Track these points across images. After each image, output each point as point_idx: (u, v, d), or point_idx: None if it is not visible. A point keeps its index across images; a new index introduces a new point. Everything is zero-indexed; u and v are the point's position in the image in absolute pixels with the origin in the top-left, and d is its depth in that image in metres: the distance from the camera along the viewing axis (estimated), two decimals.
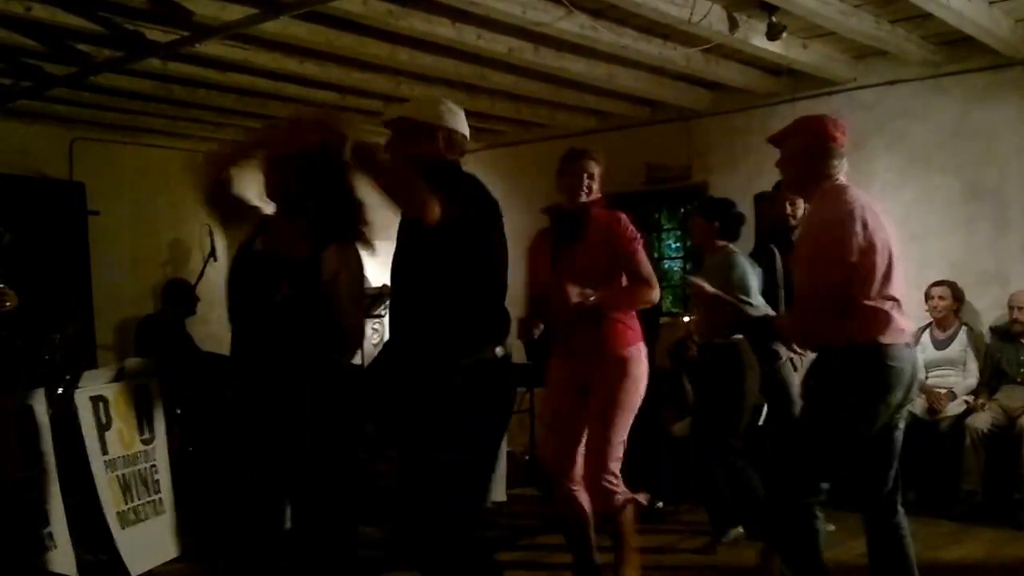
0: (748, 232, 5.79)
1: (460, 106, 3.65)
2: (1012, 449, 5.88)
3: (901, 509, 3.76)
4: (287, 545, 3.37)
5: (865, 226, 3.49)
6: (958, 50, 6.57)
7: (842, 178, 3.70)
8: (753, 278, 5.21)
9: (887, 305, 3.52)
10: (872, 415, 3.56)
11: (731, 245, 5.36)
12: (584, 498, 4.37)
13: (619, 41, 6.06)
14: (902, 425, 3.74)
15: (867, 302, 3.48)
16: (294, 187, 3.30)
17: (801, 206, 5.45)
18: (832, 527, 5.37)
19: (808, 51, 6.61)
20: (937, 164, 6.84)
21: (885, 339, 3.51)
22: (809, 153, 3.69)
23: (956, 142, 6.77)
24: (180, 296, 7.46)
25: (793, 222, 5.57)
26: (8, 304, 4.81)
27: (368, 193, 3.25)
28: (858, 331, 3.52)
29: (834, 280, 3.47)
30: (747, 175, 7.63)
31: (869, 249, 3.47)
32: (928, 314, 6.51)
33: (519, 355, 6.47)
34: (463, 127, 3.60)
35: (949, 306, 6.44)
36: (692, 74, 7.11)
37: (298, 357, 3.24)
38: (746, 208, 5.96)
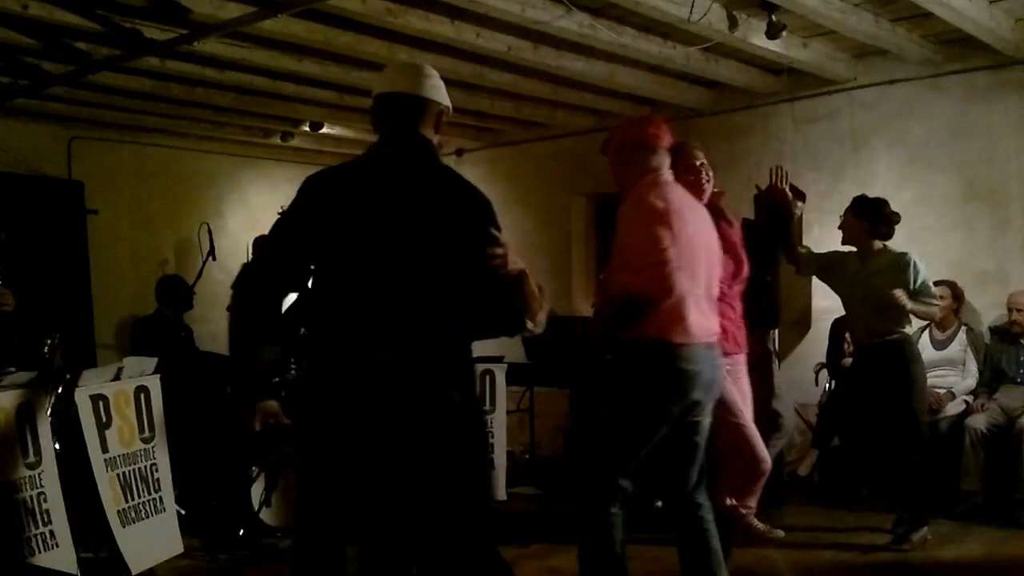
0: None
1: (459, 105, 3.58)
2: (1011, 449, 5.88)
3: (706, 503, 3.80)
4: None
5: (669, 224, 3.52)
6: (958, 49, 6.56)
7: (664, 175, 3.72)
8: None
9: (685, 304, 3.52)
10: (661, 415, 3.59)
11: (888, 244, 5.36)
12: None
13: (618, 40, 6.05)
14: (707, 422, 3.74)
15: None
16: None
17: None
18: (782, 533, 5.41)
19: (808, 50, 6.61)
20: (937, 164, 6.84)
21: (677, 339, 3.52)
22: (625, 149, 3.77)
23: (956, 142, 6.77)
24: (174, 293, 7.40)
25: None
26: (5, 306, 4.81)
27: None
28: (648, 328, 3.52)
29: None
30: (747, 174, 7.61)
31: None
32: None
33: (518, 355, 6.53)
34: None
35: (948, 306, 6.43)
36: (692, 73, 7.11)
37: None
38: (746, 208, 5.95)
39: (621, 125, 3.90)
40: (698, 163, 4.20)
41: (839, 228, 5.46)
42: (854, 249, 5.42)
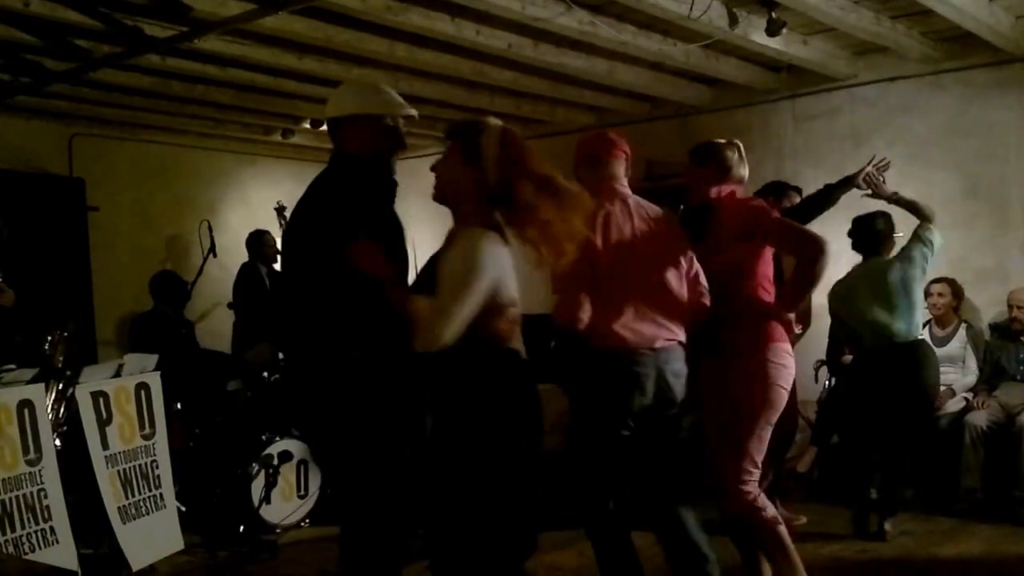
0: None
1: (460, 102, 3.66)
2: (1011, 446, 5.89)
3: (692, 522, 3.81)
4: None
5: (601, 230, 3.61)
6: (958, 47, 6.57)
7: (617, 186, 3.82)
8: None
9: (619, 312, 3.59)
10: (605, 420, 3.66)
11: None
12: None
13: (618, 37, 6.06)
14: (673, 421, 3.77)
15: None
16: None
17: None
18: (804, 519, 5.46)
19: (808, 47, 6.61)
20: (937, 161, 6.84)
21: (612, 345, 3.59)
22: (578, 164, 3.91)
23: (956, 139, 6.77)
24: (169, 288, 7.31)
25: None
26: (4, 301, 4.82)
27: None
28: (590, 337, 3.61)
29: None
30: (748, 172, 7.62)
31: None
32: (928, 311, 6.51)
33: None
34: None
35: (948, 303, 6.44)
36: (692, 70, 7.12)
37: None
38: None
39: (581, 139, 4.02)
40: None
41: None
42: None
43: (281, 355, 6.15)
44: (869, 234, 5.57)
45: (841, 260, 5.19)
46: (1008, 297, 6.37)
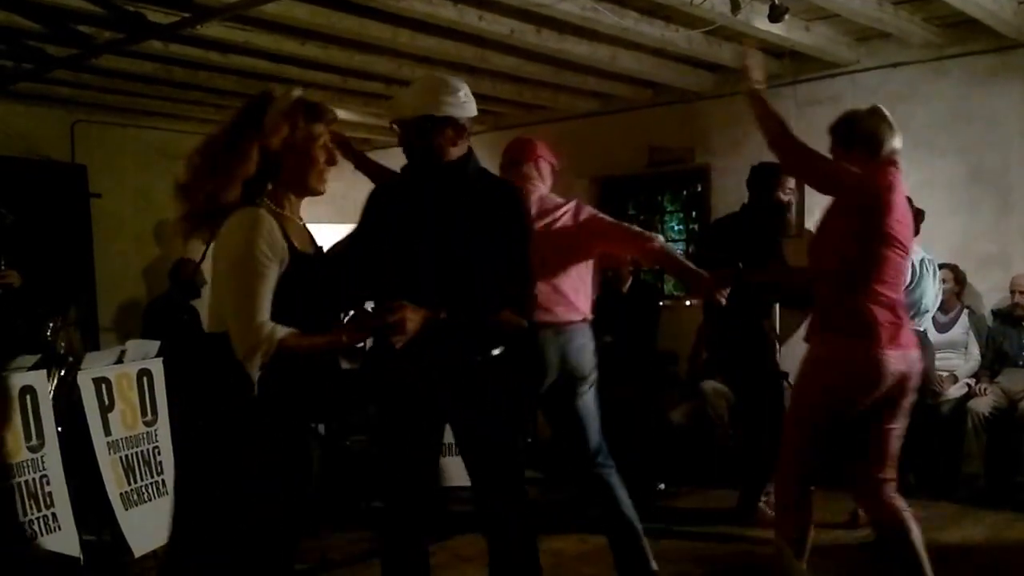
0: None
1: None
2: (1013, 432, 5.90)
3: (610, 466, 4.19)
4: None
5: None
6: (961, 32, 6.54)
7: (529, 185, 4.25)
8: None
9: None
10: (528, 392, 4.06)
11: None
12: None
13: (621, 23, 6.04)
14: (585, 393, 4.15)
15: None
16: None
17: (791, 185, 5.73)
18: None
19: (810, 33, 6.59)
20: (940, 147, 6.81)
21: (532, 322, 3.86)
22: (501, 166, 4.37)
23: (959, 125, 6.75)
24: (179, 275, 7.46)
25: (784, 198, 5.75)
26: (10, 282, 4.82)
27: None
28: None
29: None
30: (749, 157, 7.56)
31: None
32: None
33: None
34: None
35: (951, 289, 6.43)
36: (694, 56, 7.09)
37: None
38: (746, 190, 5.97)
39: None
40: None
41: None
42: None
43: None
44: None
45: None
46: (1011, 283, 6.37)
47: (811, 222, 6.99)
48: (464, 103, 3.32)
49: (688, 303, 6.20)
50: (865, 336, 3.62)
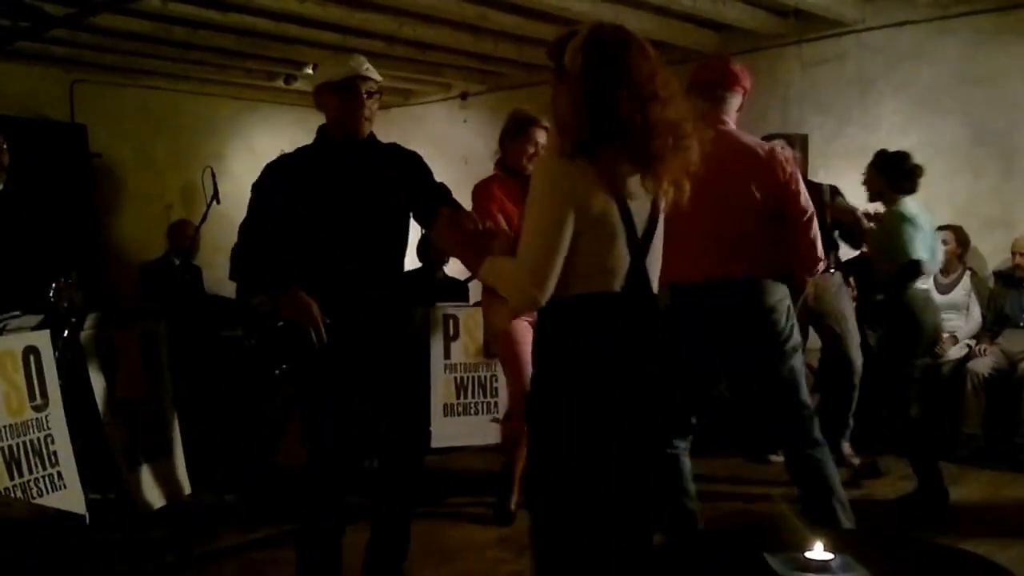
0: None
1: (463, 48, 3.66)
2: (1013, 393, 5.92)
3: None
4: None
5: None
6: None
7: None
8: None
9: None
10: None
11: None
12: None
13: None
14: None
15: None
16: None
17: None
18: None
19: None
20: (944, 107, 6.78)
21: None
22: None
23: (964, 85, 6.71)
24: (181, 238, 7.47)
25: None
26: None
27: None
28: None
29: None
30: (754, 117, 7.54)
31: None
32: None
33: None
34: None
35: (953, 251, 6.43)
36: (698, 15, 7.04)
37: None
38: None
39: None
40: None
41: (863, 184, 5.40)
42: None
43: None
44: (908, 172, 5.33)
45: None
46: (1013, 244, 6.37)
47: None
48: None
49: None
50: None
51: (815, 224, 3.80)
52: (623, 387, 2.50)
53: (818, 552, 2.26)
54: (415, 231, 3.68)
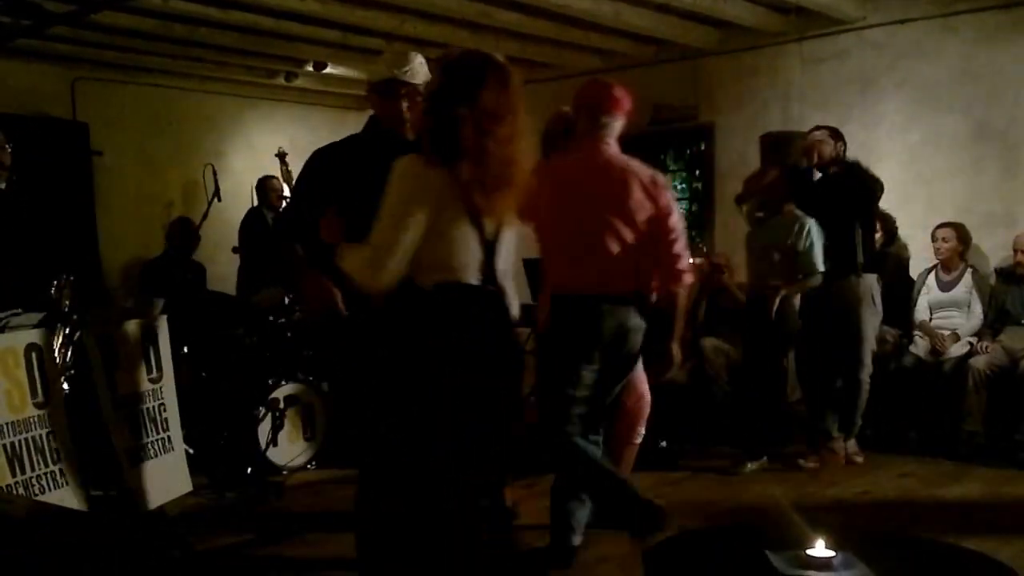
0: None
1: (464, 45, 3.67)
2: (1014, 390, 5.91)
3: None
4: None
5: None
6: None
7: None
8: None
9: None
10: None
11: None
12: None
13: None
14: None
15: None
16: None
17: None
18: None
19: None
20: (945, 104, 6.78)
21: None
22: None
23: (965, 82, 6.71)
24: (178, 234, 7.46)
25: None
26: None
27: None
28: None
29: None
30: (754, 115, 7.58)
31: None
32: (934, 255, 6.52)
33: (524, 295, 6.53)
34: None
35: (954, 248, 6.42)
36: (699, 12, 7.04)
37: None
38: (753, 149, 5.94)
39: None
40: None
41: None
42: None
43: (287, 299, 6.18)
44: None
45: None
46: (1014, 241, 6.35)
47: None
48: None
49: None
50: None
51: (682, 241, 3.98)
52: (466, 367, 2.80)
53: (820, 549, 2.26)
54: None
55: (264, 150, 8.87)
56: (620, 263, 3.87)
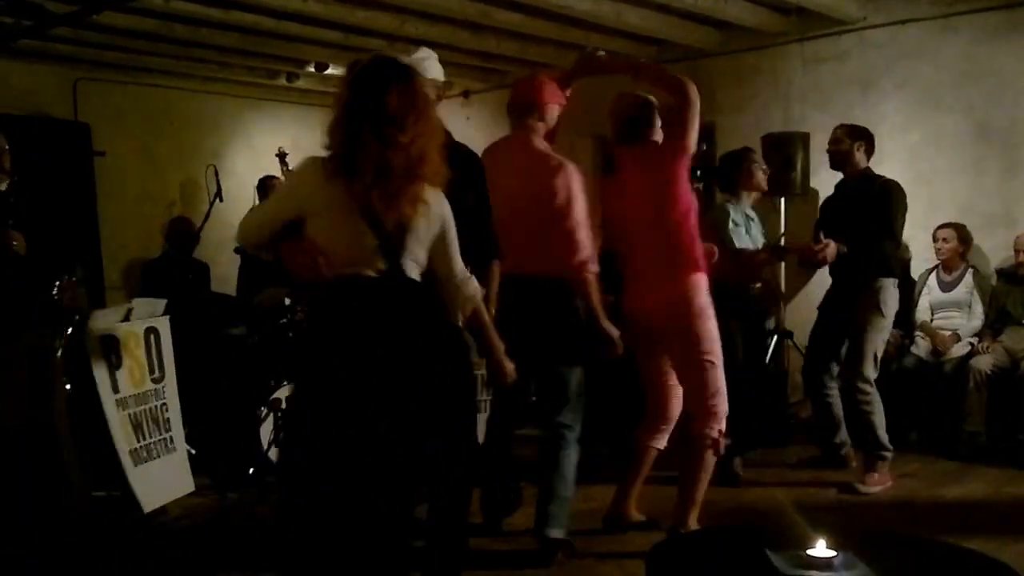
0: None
1: (465, 46, 3.67)
2: (1015, 390, 5.92)
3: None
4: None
5: None
6: None
7: None
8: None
9: None
10: None
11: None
12: None
13: None
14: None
15: None
16: None
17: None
18: None
19: None
20: (946, 105, 6.78)
21: None
22: None
23: (966, 83, 6.71)
24: (177, 234, 7.47)
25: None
26: (16, 245, 4.83)
27: None
28: None
29: None
30: (755, 115, 7.59)
31: None
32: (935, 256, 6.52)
33: None
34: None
35: (955, 248, 6.43)
36: (700, 13, 7.04)
37: None
38: (756, 149, 5.94)
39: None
40: None
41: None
42: None
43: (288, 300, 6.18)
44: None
45: None
46: (1015, 242, 6.36)
47: (816, 179, 7.00)
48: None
49: None
50: None
51: (582, 232, 4.25)
52: (340, 360, 2.80)
53: (821, 549, 2.26)
54: None
55: (266, 150, 8.86)
56: (533, 247, 4.18)
